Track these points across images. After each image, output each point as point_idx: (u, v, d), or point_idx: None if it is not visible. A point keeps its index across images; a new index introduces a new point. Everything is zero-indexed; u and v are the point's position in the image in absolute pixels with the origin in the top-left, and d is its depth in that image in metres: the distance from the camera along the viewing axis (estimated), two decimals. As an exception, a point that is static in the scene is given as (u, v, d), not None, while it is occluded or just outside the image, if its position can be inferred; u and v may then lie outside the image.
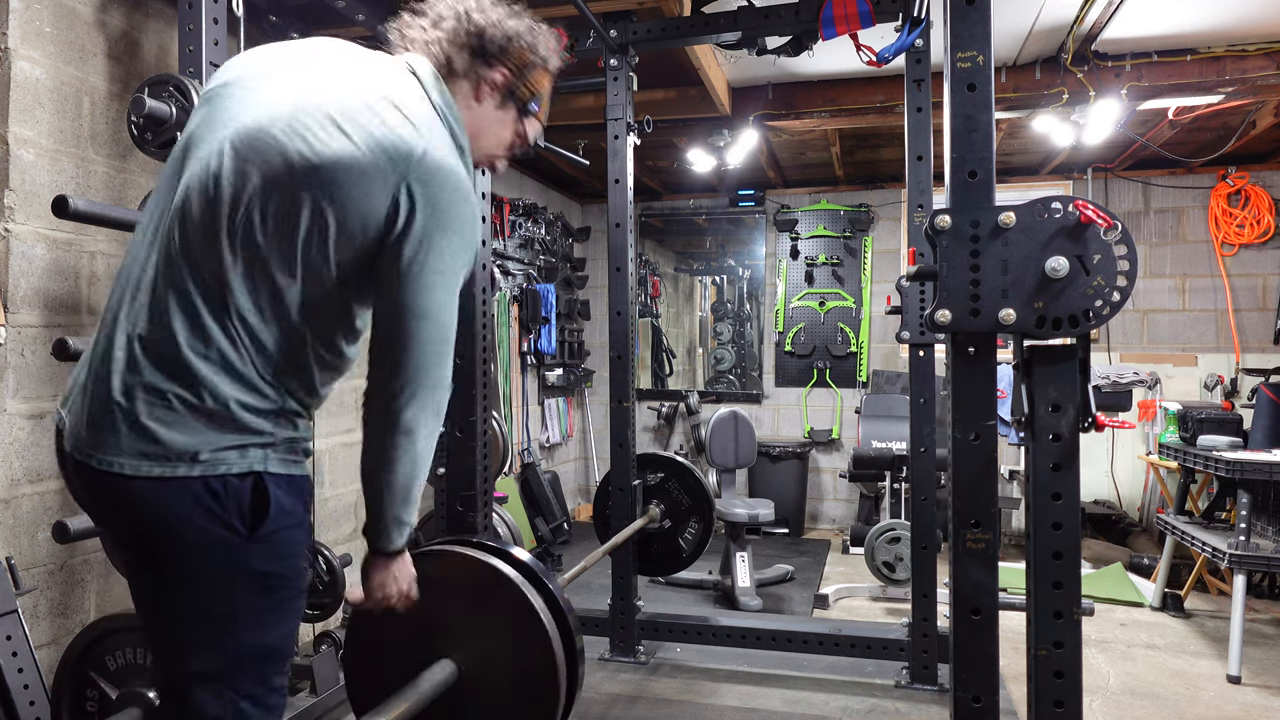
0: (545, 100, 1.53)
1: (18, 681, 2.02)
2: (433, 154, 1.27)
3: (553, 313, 5.55)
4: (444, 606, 1.54)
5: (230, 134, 1.27)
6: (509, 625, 1.52)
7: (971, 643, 1.38)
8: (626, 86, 3.18)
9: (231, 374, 1.23)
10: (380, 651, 1.59)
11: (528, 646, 1.51)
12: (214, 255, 1.23)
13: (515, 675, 1.52)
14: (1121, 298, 1.31)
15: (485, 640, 1.53)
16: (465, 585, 1.55)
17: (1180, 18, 3.41)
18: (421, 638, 1.55)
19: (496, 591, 1.54)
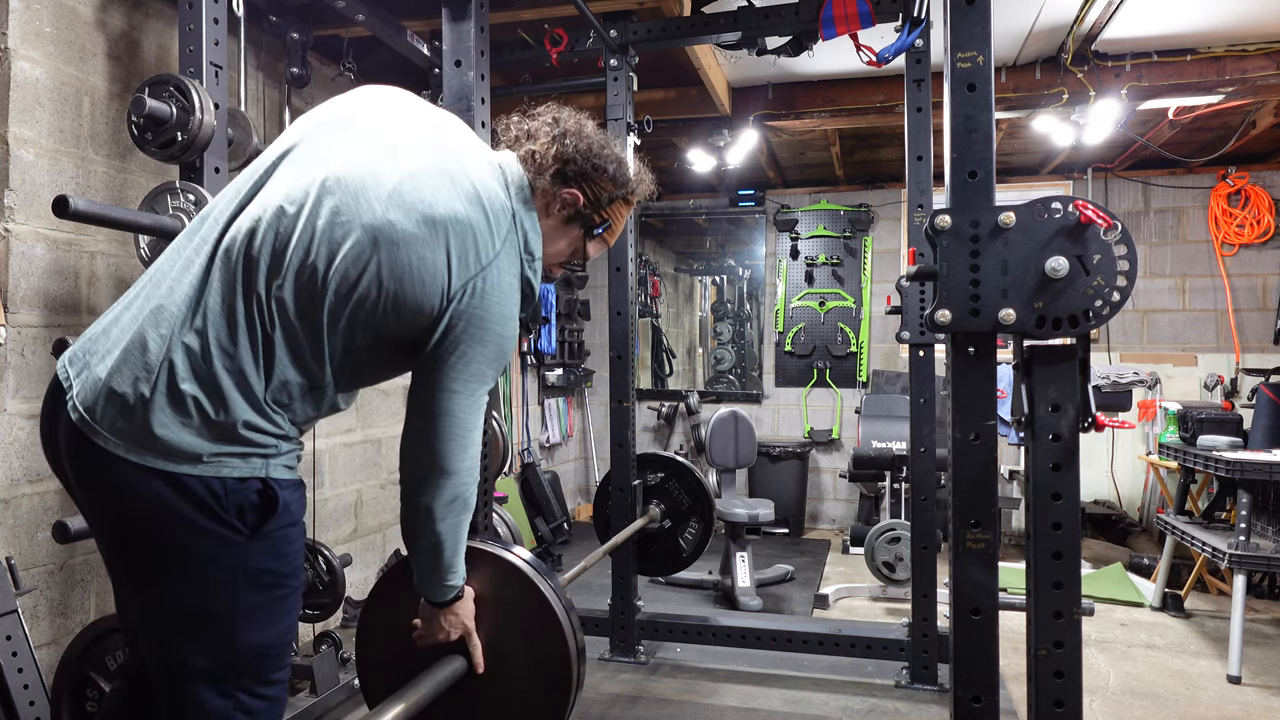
0: (617, 227, 1.61)
1: (18, 681, 2.02)
2: (492, 275, 1.36)
3: (553, 313, 5.54)
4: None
5: (323, 173, 1.32)
6: (521, 618, 1.53)
7: (971, 643, 1.38)
8: (626, 86, 3.18)
9: (249, 396, 1.27)
10: (391, 645, 1.59)
11: (540, 639, 1.52)
12: (273, 287, 1.28)
13: (526, 668, 1.53)
14: (1121, 298, 1.31)
15: (497, 633, 1.54)
16: (478, 579, 1.55)
17: (1180, 18, 3.41)
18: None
19: (510, 585, 1.54)
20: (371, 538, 3.94)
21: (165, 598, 1.27)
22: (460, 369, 1.36)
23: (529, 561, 1.56)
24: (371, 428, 3.92)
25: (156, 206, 2.06)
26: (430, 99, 3.42)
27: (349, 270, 1.28)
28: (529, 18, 3.13)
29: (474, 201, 1.36)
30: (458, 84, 1.91)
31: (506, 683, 1.54)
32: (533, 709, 1.53)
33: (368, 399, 3.89)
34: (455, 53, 1.91)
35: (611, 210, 1.57)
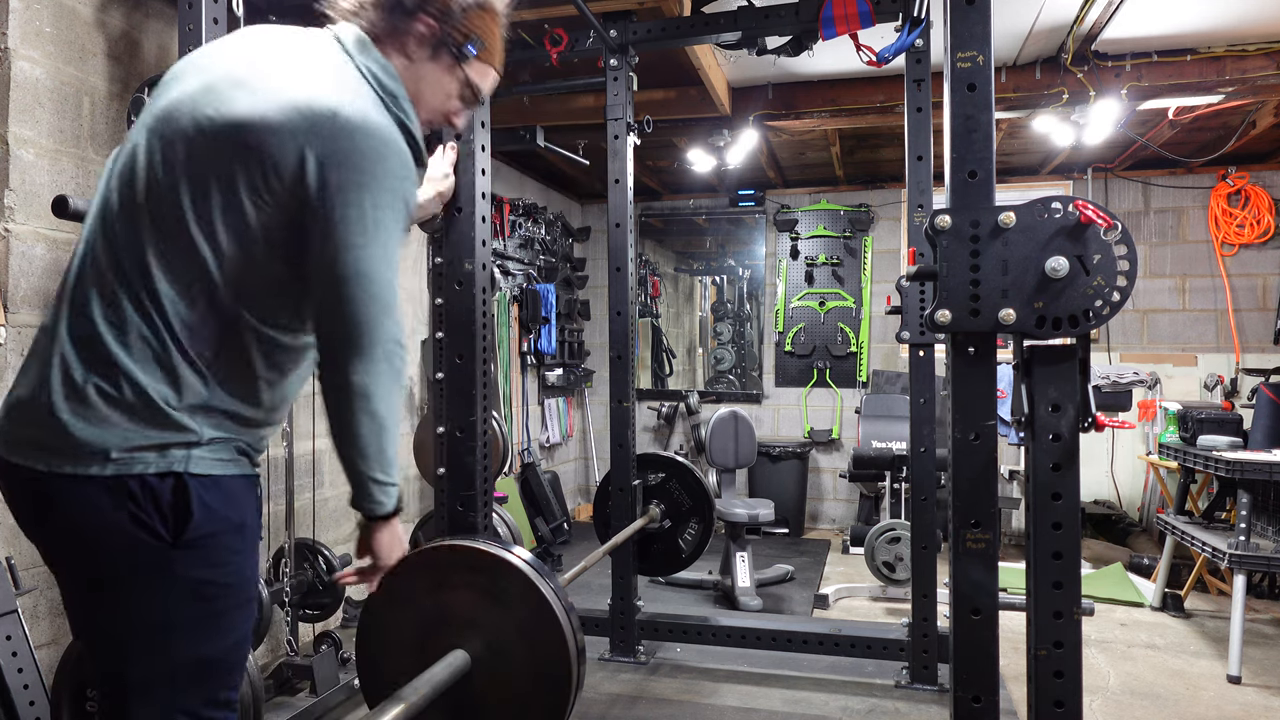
0: (491, 41, 1.42)
1: (17, 681, 2.02)
2: (345, 111, 1.21)
3: (553, 313, 5.55)
4: (455, 598, 1.55)
5: (148, 119, 1.25)
6: (521, 619, 1.53)
7: (971, 643, 1.38)
8: (626, 86, 3.18)
9: (151, 361, 1.17)
10: (391, 644, 1.60)
11: (540, 640, 1.52)
12: (134, 239, 1.20)
13: (526, 669, 1.53)
14: (1121, 298, 1.31)
15: (497, 631, 1.54)
16: (477, 577, 1.55)
17: (1180, 18, 3.41)
18: (432, 629, 1.56)
19: (511, 583, 1.54)
20: (371, 538, 3.94)
21: (100, 608, 1.21)
22: (349, 219, 1.21)
23: (529, 562, 1.56)
24: (371, 428, 3.92)
25: (156, 206, 2.06)
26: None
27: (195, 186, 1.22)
28: (529, 18, 3.13)
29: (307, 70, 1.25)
30: (458, 84, 1.90)
31: (506, 683, 1.54)
32: (532, 709, 1.53)
33: (368, 399, 3.89)
34: (455, 53, 1.90)
35: (471, 22, 1.38)
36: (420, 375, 4.31)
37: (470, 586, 1.55)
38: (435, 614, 1.56)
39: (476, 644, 1.54)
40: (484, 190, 1.94)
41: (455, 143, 1.92)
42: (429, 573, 1.57)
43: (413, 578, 1.57)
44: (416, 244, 4.31)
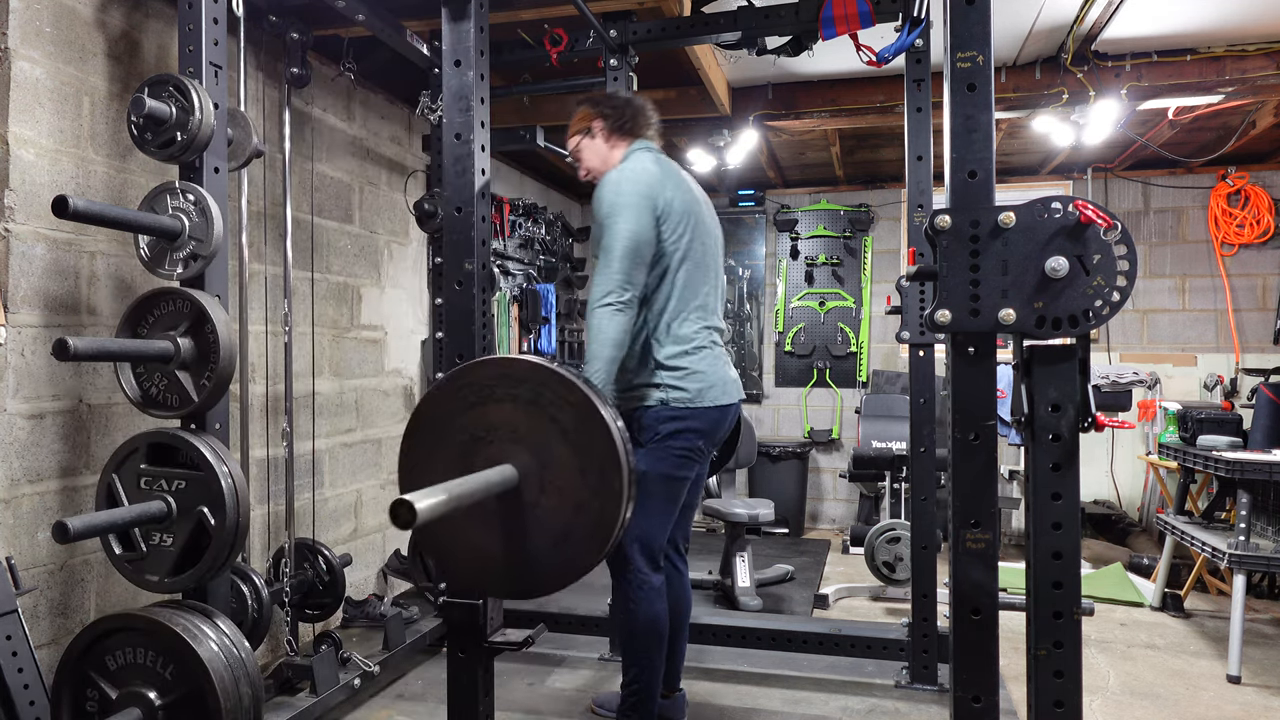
0: None
1: (18, 681, 2.02)
2: None
3: (553, 313, 5.54)
4: (497, 414, 1.53)
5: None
6: (567, 421, 1.49)
7: (971, 643, 1.38)
8: (626, 86, 3.18)
9: None
10: (435, 469, 1.56)
11: (587, 439, 1.48)
12: None
13: (576, 471, 1.49)
14: (1121, 298, 1.31)
15: (542, 440, 1.50)
16: (518, 388, 1.51)
17: (1180, 18, 3.41)
18: (475, 448, 1.53)
19: (552, 389, 1.50)
20: (372, 538, 3.94)
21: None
22: None
23: (566, 366, 1.53)
24: (371, 428, 3.92)
25: (156, 206, 2.06)
26: (430, 99, 3.43)
27: None
28: (529, 18, 3.13)
29: None
30: (457, 84, 1.90)
31: (556, 490, 1.50)
32: (586, 512, 1.49)
33: (368, 399, 3.89)
34: (455, 53, 1.91)
35: None
36: (420, 375, 4.31)
37: (511, 400, 1.51)
38: (477, 432, 1.53)
39: (522, 455, 1.51)
40: (484, 190, 1.94)
41: None
42: (467, 391, 1.54)
43: (451, 399, 1.54)
44: (416, 244, 4.31)
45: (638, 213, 2.29)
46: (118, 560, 2.00)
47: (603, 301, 2.24)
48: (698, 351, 2.39)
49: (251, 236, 3.12)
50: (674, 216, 2.37)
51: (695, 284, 2.42)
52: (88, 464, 2.46)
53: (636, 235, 2.27)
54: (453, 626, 1.94)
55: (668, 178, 2.41)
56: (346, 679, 2.81)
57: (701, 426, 2.38)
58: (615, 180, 2.34)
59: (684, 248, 2.40)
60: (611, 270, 2.24)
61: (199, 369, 2.00)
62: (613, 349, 2.23)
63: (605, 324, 2.23)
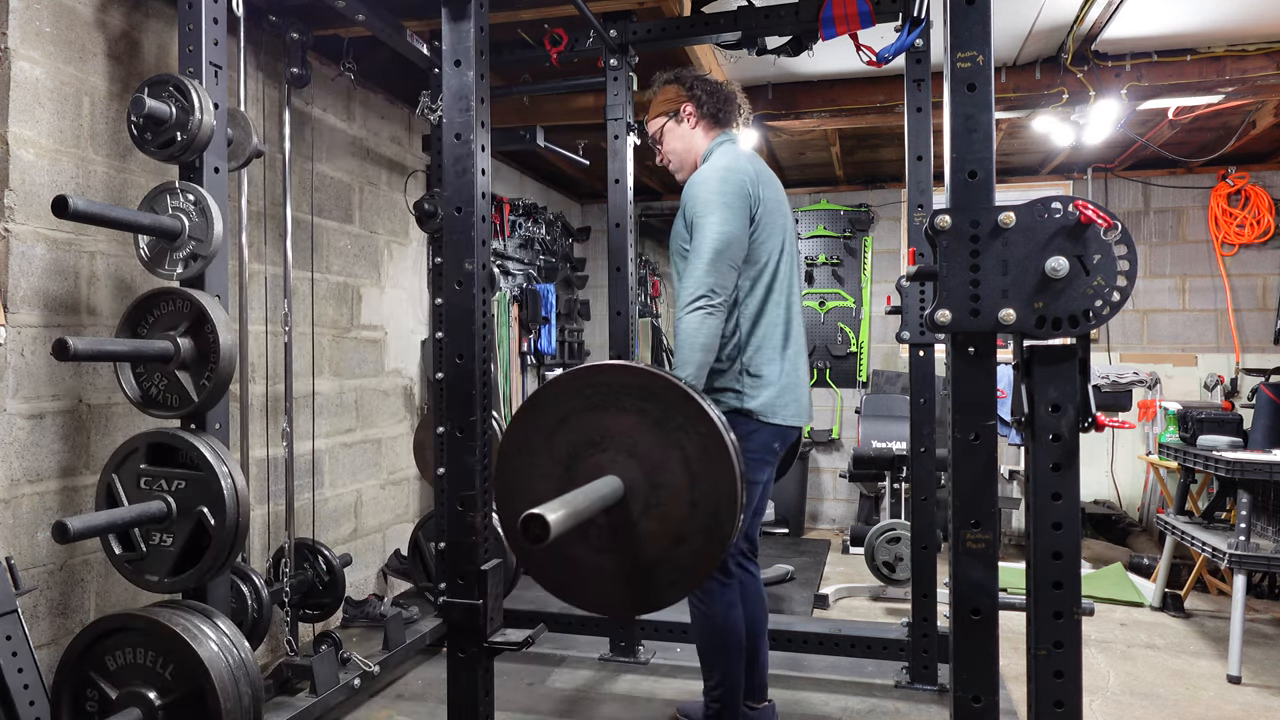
0: None
1: (17, 681, 2.02)
2: None
3: (553, 313, 5.54)
4: (617, 422, 1.48)
5: None
6: (690, 450, 1.44)
7: (971, 643, 1.38)
8: (626, 86, 3.18)
9: None
10: (537, 456, 1.52)
11: (707, 472, 1.43)
12: None
13: (686, 500, 1.44)
14: (1121, 298, 1.31)
15: (658, 461, 1.45)
16: (649, 404, 1.46)
17: (1180, 18, 3.41)
18: (584, 450, 1.49)
19: (685, 414, 1.45)
20: (371, 538, 3.94)
21: None
22: None
23: (704, 396, 1.48)
24: (371, 428, 3.92)
25: (156, 206, 2.06)
26: (430, 99, 3.42)
27: None
28: (529, 18, 3.13)
29: None
30: (457, 84, 1.90)
31: (660, 515, 1.45)
32: (687, 543, 1.44)
33: (368, 399, 3.89)
34: (455, 53, 1.91)
35: None
36: (420, 375, 4.31)
37: (638, 413, 1.46)
38: (592, 435, 1.47)
39: (632, 470, 1.46)
40: (484, 190, 1.94)
41: None
42: (595, 391, 1.49)
43: (573, 395, 1.49)
44: (416, 244, 4.31)
45: (734, 213, 2.20)
46: (118, 560, 2.00)
47: (694, 305, 2.16)
48: (783, 363, 2.35)
49: (251, 236, 3.12)
50: (768, 217, 2.31)
51: (786, 288, 2.37)
52: (88, 464, 2.46)
53: (730, 237, 2.19)
54: (453, 626, 1.94)
55: (760, 176, 2.34)
56: (346, 679, 2.81)
57: (773, 435, 2.36)
58: (709, 177, 2.25)
59: (778, 249, 2.34)
60: (703, 272, 2.15)
61: (199, 369, 2.00)
62: (703, 353, 2.15)
63: (696, 328, 2.14)
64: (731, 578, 2.41)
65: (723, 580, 2.37)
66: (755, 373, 2.31)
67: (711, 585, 2.35)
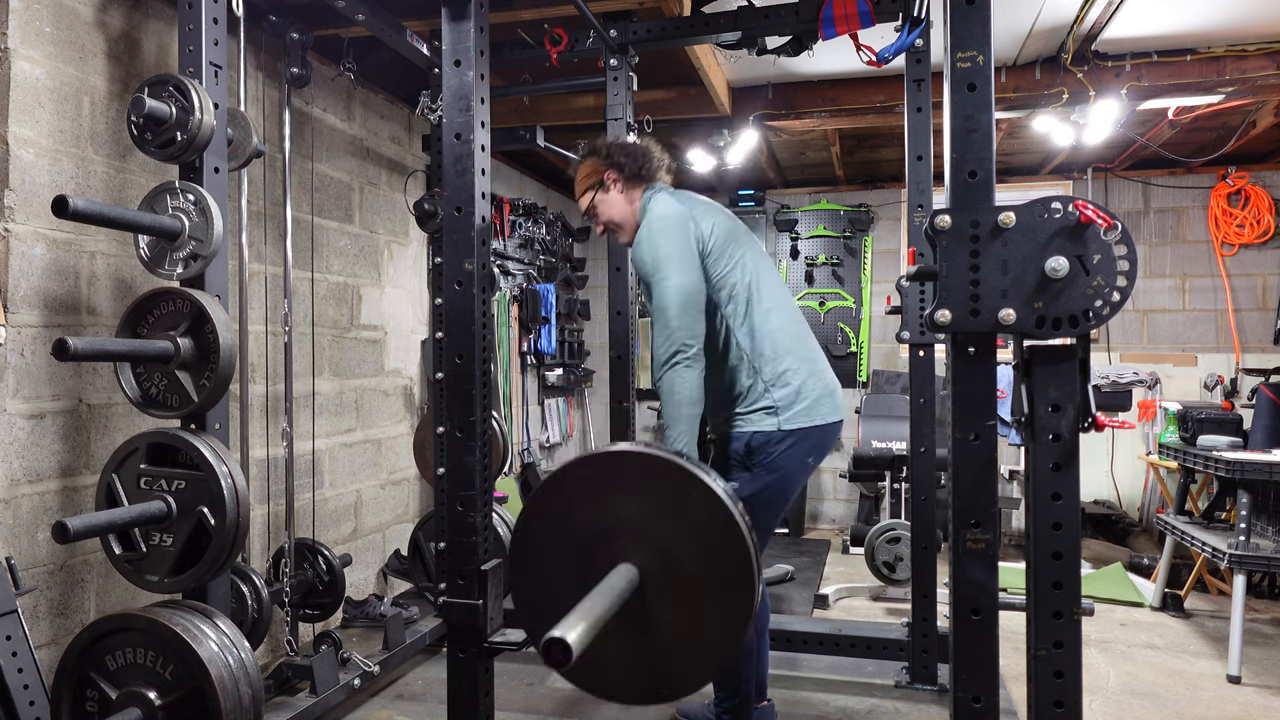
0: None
1: (17, 681, 2.02)
2: None
3: (553, 313, 5.54)
4: (622, 509, 1.46)
5: None
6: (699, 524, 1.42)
7: (971, 643, 1.38)
8: (626, 86, 3.18)
9: None
10: (549, 555, 1.51)
11: (719, 544, 1.41)
12: None
13: (702, 576, 1.42)
14: (1121, 298, 1.31)
15: (669, 541, 1.43)
16: (649, 485, 1.45)
17: (1180, 18, 3.41)
18: (595, 541, 1.47)
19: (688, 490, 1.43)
20: (372, 537, 3.94)
21: None
22: None
23: (704, 468, 1.46)
24: (371, 428, 3.92)
25: (156, 206, 2.06)
26: (430, 99, 3.42)
27: None
28: (529, 18, 3.13)
29: None
30: (457, 84, 1.90)
31: (680, 595, 1.43)
32: (710, 620, 1.42)
33: (368, 399, 3.89)
34: (455, 53, 1.91)
35: None
36: (420, 375, 4.31)
37: (642, 496, 1.46)
38: (604, 524, 1.46)
39: (645, 556, 1.44)
40: (484, 190, 1.94)
41: None
42: (592, 483, 1.48)
43: (578, 485, 1.48)
44: (416, 244, 4.31)
45: (683, 261, 2.22)
46: (118, 560, 2.00)
47: (669, 363, 2.17)
48: (802, 366, 2.33)
49: (251, 236, 3.12)
50: (719, 242, 2.32)
51: (771, 293, 2.37)
52: (88, 464, 2.46)
53: (686, 287, 2.20)
54: (453, 626, 1.94)
55: (694, 209, 2.36)
56: (346, 679, 2.81)
57: (813, 442, 2.32)
58: (648, 236, 2.27)
59: (745, 263, 2.35)
60: (669, 328, 2.18)
61: (199, 369, 2.00)
62: (690, 407, 2.16)
63: (677, 384, 2.16)
64: None
65: None
66: (780, 380, 2.29)
67: None
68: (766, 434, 2.27)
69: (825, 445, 2.37)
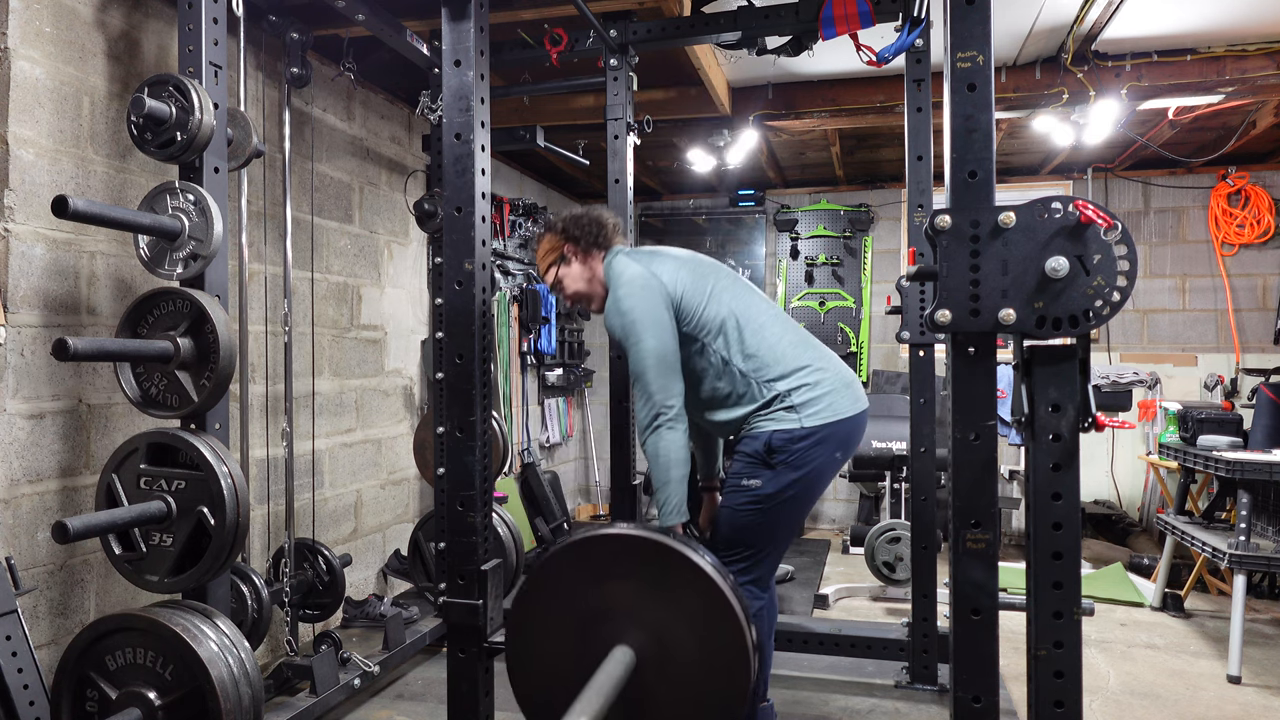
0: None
1: (17, 681, 2.02)
2: None
3: (552, 313, 5.54)
4: (616, 591, 1.48)
5: None
6: (693, 608, 1.44)
7: (971, 643, 1.38)
8: (626, 86, 3.18)
9: None
10: (545, 640, 1.52)
11: (714, 629, 1.43)
12: None
13: (698, 659, 1.44)
14: (1121, 298, 1.31)
15: (664, 624, 1.45)
16: (645, 569, 1.47)
17: (1180, 18, 3.41)
18: (590, 624, 1.48)
19: (682, 574, 1.45)
20: (372, 537, 3.94)
21: None
22: None
23: (700, 552, 1.47)
24: (371, 428, 3.92)
25: (156, 206, 2.06)
26: (430, 99, 3.42)
27: None
28: (529, 18, 3.13)
29: None
30: (457, 84, 1.90)
31: (676, 678, 1.45)
32: (706, 703, 1.44)
33: (368, 399, 3.89)
34: (455, 53, 1.91)
35: None
36: (420, 375, 4.31)
37: (634, 578, 1.46)
38: (597, 607, 1.47)
39: (640, 638, 1.45)
40: (484, 190, 1.94)
41: None
42: (587, 565, 1.49)
43: (570, 570, 1.49)
44: (416, 244, 4.31)
45: (652, 324, 2.25)
46: (118, 560, 2.00)
47: (652, 426, 2.22)
48: (814, 363, 2.33)
49: (251, 236, 3.12)
50: (686, 287, 2.33)
51: (759, 310, 2.38)
52: (88, 464, 2.46)
53: (660, 349, 2.23)
54: (453, 626, 1.94)
55: (652, 264, 2.37)
56: (346, 679, 2.81)
57: (839, 437, 2.30)
58: (616, 305, 2.31)
59: (718, 294, 2.35)
60: (648, 392, 2.22)
61: (199, 369, 2.00)
62: (679, 468, 2.20)
63: (661, 447, 2.20)
64: (768, 591, 2.38)
65: (758, 595, 2.34)
66: (794, 381, 2.29)
67: (749, 599, 2.33)
68: (788, 431, 2.26)
69: (852, 438, 2.36)
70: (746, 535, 2.29)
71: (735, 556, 2.30)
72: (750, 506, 2.27)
